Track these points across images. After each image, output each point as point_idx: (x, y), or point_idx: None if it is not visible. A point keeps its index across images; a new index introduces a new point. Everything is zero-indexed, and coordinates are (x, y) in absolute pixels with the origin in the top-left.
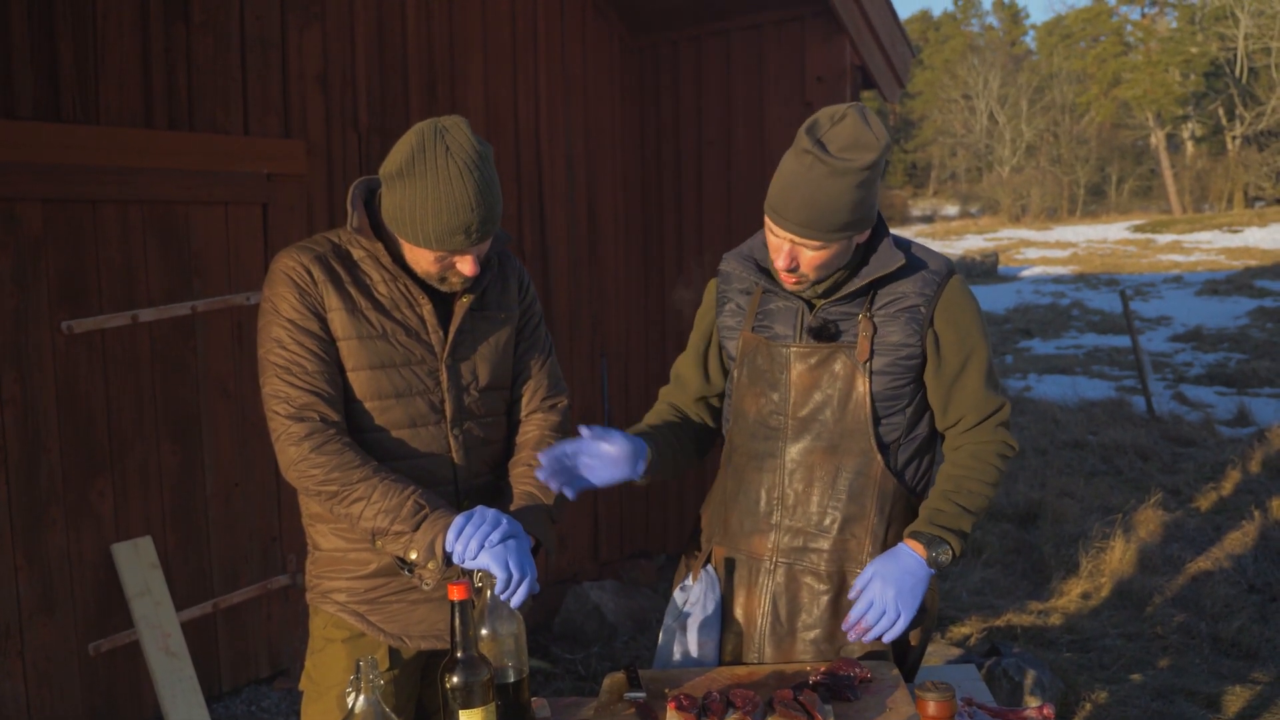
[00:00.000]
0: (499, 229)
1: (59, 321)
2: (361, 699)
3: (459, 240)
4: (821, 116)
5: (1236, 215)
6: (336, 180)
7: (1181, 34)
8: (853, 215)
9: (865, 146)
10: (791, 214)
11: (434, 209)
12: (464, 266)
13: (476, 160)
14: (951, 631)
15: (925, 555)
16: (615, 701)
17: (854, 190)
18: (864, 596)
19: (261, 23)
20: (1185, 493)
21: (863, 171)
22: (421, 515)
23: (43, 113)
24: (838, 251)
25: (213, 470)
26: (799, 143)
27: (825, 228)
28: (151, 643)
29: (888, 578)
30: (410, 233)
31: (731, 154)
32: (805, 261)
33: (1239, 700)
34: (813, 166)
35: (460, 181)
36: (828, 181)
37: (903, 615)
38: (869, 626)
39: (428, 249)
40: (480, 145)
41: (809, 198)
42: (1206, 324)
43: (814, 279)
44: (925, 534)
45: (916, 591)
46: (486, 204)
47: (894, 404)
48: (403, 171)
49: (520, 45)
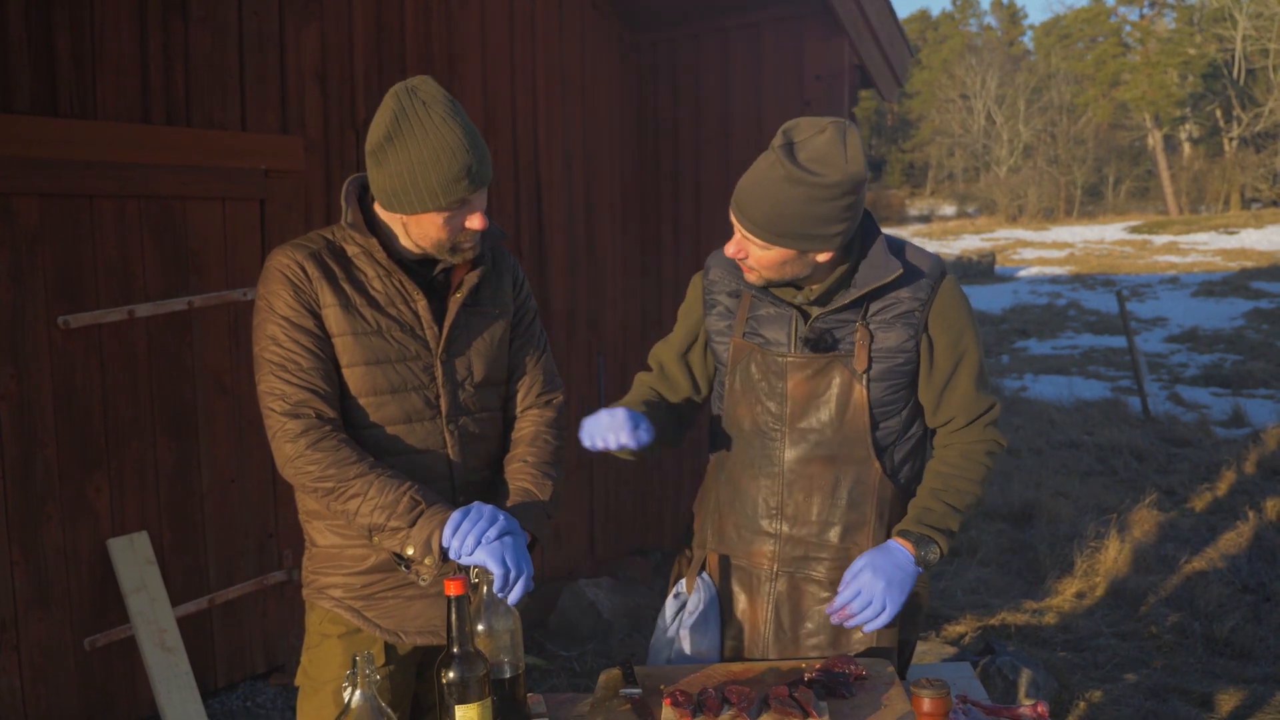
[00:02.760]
0: (495, 224)
1: (55, 317)
2: (358, 694)
3: (463, 186)
4: (804, 122)
5: (1233, 217)
6: (334, 176)
7: (1180, 35)
8: (804, 228)
9: (831, 165)
10: (746, 208)
11: (431, 160)
12: (473, 222)
13: (454, 107)
14: (946, 630)
15: (915, 553)
16: (611, 698)
17: (809, 204)
18: (853, 584)
19: (260, 18)
20: (1180, 493)
21: (821, 188)
22: (418, 511)
23: (40, 107)
24: (787, 259)
25: (209, 466)
26: (774, 140)
27: (772, 230)
28: (147, 638)
29: (879, 569)
30: (414, 197)
31: (729, 152)
32: (754, 257)
33: (1232, 700)
34: (774, 167)
35: (447, 127)
36: (783, 186)
37: (888, 608)
38: (853, 614)
39: (435, 208)
40: (451, 96)
41: (763, 197)
42: (1202, 325)
43: (765, 276)
44: (914, 533)
45: (905, 587)
46: (477, 145)
47: (890, 409)
48: (390, 136)
49: (518, 43)
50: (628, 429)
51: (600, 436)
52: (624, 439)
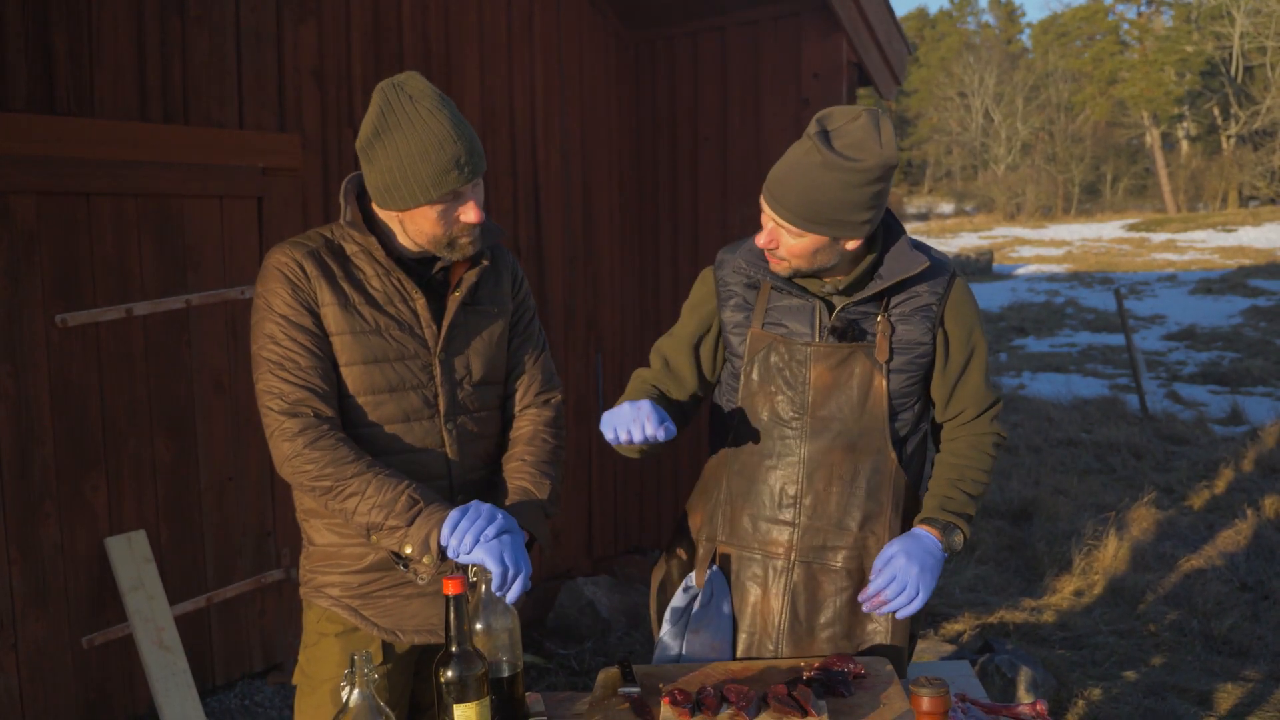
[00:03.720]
0: (493, 223)
1: (53, 315)
2: (355, 693)
3: (453, 177)
4: (837, 111)
5: (1231, 214)
6: (332, 174)
7: (1177, 33)
8: (838, 214)
9: (867, 150)
10: (780, 196)
11: (420, 153)
12: (467, 214)
13: (441, 100)
14: (945, 628)
15: (942, 540)
16: (610, 696)
17: (845, 189)
18: (886, 571)
19: (257, 16)
20: (1178, 491)
21: (857, 173)
22: (416, 510)
23: (37, 105)
24: (819, 246)
25: (207, 464)
26: (808, 128)
27: (807, 217)
28: (145, 637)
29: (912, 555)
30: (406, 191)
31: (727, 150)
32: (785, 246)
33: (1231, 698)
34: (809, 153)
35: (434, 119)
36: (820, 173)
37: (921, 594)
38: (888, 600)
39: (426, 201)
40: (439, 90)
41: (799, 184)
42: (1200, 323)
43: (795, 266)
44: (940, 520)
45: (935, 573)
46: (466, 136)
47: (906, 400)
48: (377, 132)
49: (516, 40)
50: (654, 421)
51: (624, 429)
52: (650, 431)
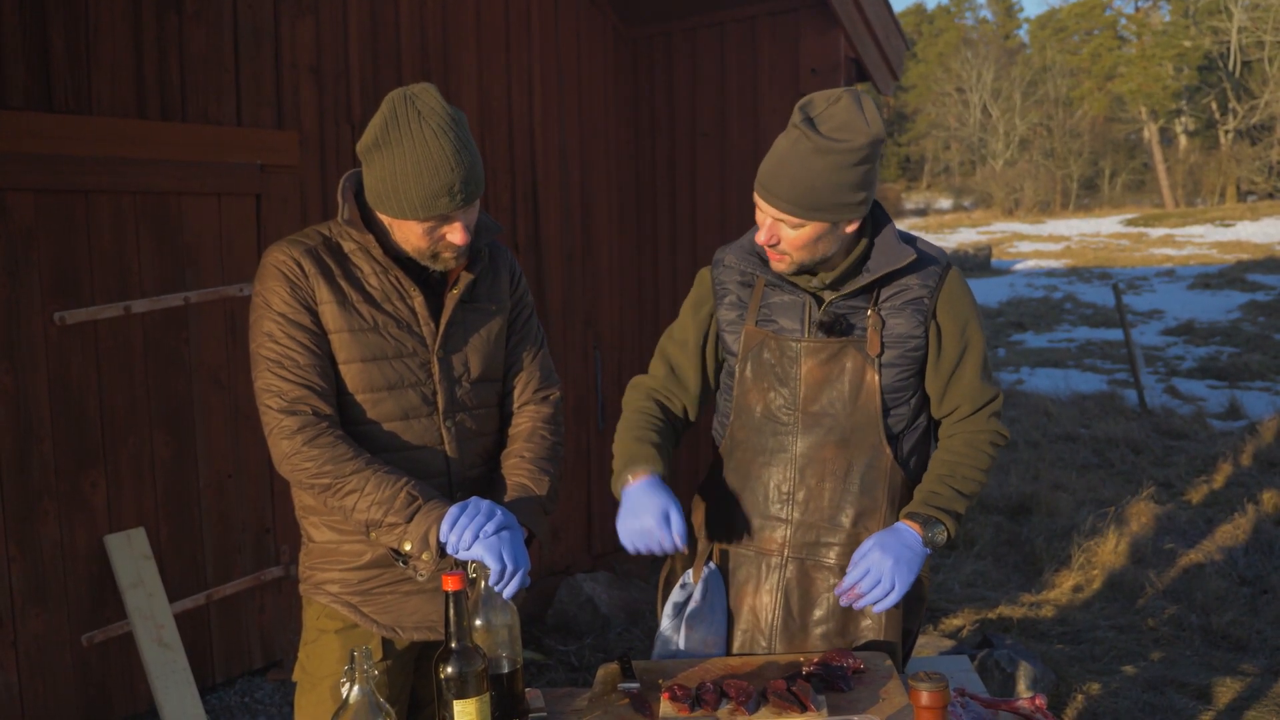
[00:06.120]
0: (490, 219)
1: (51, 312)
2: (355, 689)
3: (444, 203)
4: (817, 97)
5: (1229, 209)
6: (329, 172)
7: (1175, 28)
8: (836, 198)
9: (855, 130)
10: (775, 188)
11: (414, 173)
12: (453, 236)
13: (449, 121)
14: (944, 623)
15: (922, 534)
16: (609, 692)
17: (839, 171)
18: (862, 564)
19: (254, 13)
20: (1177, 486)
21: (849, 153)
22: (415, 507)
23: (34, 102)
24: (820, 233)
25: (205, 462)
26: (791, 119)
27: (805, 205)
28: (145, 634)
29: (887, 548)
30: (395, 205)
31: (725, 146)
32: (786, 240)
33: (1229, 692)
34: (799, 142)
35: (436, 142)
36: (813, 159)
37: (897, 587)
38: (863, 594)
39: (414, 219)
40: (452, 108)
41: (793, 174)
42: (1199, 318)
43: (797, 260)
44: (921, 514)
45: (914, 566)
46: (466, 163)
47: (901, 395)
48: (379, 142)
49: (514, 37)
50: (667, 534)
51: (645, 547)
52: (667, 545)
